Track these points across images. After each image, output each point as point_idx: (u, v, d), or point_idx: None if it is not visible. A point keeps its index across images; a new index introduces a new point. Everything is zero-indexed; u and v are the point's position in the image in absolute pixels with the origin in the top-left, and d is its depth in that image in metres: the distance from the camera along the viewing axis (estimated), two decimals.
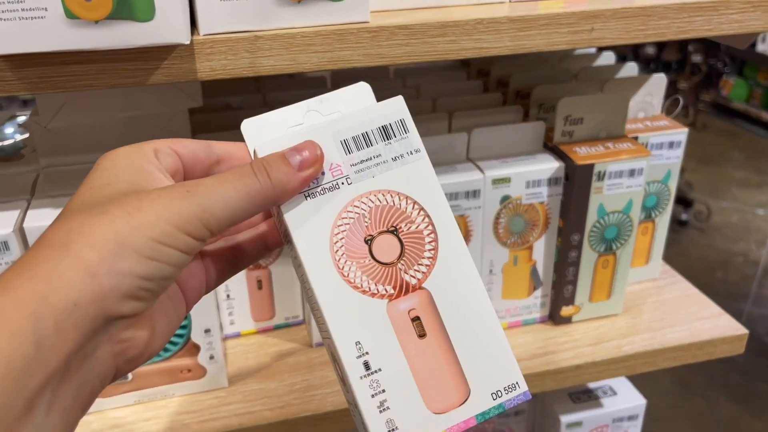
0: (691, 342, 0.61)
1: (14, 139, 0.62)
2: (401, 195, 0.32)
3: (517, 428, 0.76)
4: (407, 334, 0.32)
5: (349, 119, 0.32)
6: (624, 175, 0.57)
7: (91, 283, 0.25)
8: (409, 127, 0.33)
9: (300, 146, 0.31)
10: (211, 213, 0.28)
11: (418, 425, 0.31)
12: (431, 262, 0.32)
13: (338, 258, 0.32)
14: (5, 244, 0.45)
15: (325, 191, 0.32)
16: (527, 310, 0.63)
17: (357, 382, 0.31)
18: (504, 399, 0.32)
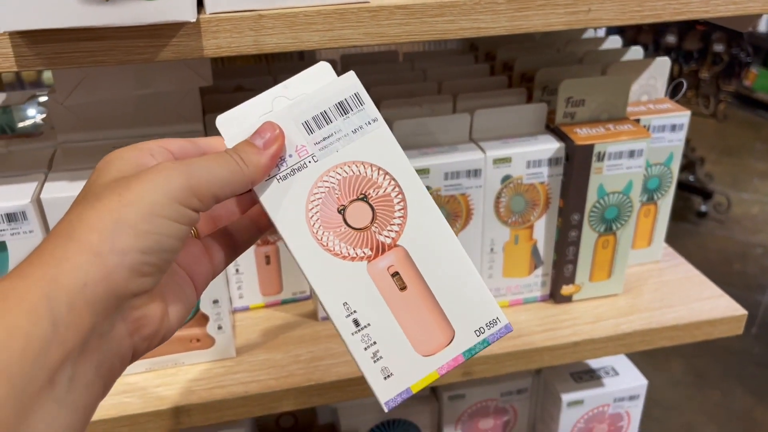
0: (689, 322, 0.62)
1: (35, 119, 0.64)
2: (365, 164, 0.35)
3: (519, 406, 0.77)
4: (389, 289, 0.34)
5: (306, 101, 0.34)
6: (624, 156, 0.58)
7: (96, 262, 0.27)
8: (364, 99, 0.35)
9: (260, 129, 0.34)
10: (197, 180, 0.30)
11: (411, 369, 0.34)
12: (402, 221, 0.35)
13: (316, 230, 0.34)
14: (23, 214, 0.47)
15: (294, 172, 0.34)
16: (528, 288, 0.64)
17: (349, 338, 0.34)
18: (487, 334, 0.35)
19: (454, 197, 0.58)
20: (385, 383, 0.34)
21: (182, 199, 0.29)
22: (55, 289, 0.26)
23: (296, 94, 0.35)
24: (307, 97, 0.35)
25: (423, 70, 0.70)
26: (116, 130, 0.56)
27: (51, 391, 0.26)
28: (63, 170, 0.51)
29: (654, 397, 1.71)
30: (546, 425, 0.77)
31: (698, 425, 1.64)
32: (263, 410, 0.56)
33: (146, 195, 0.29)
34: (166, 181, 0.29)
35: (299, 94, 0.35)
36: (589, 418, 0.74)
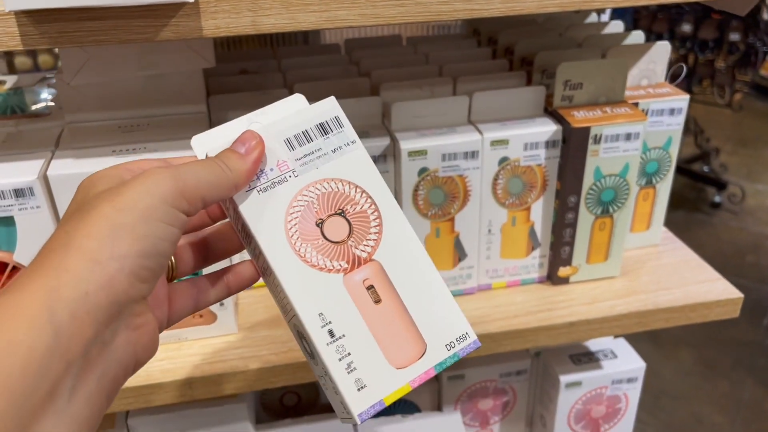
0: (685, 304, 0.63)
1: (45, 101, 0.66)
2: (344, 181, 0.36)
3: (518, 387, 0.78)
4: (364, 301, 0.35)
5: (288, 120, 0.36)
6: (620, 139, 0.59)
7: (96, 270, 0.27)
8: (343, 122, 0.37)
9: (241, 138, 0.35)
10: (185, 183, 0.31)
11: (384, 381, 0.35)
12: (378, 237, 0.36)
13: (294, 241, 0.35)
14: (30, 190, 0.49)
15: (275, 185, 0.35)
16: (525, 269, 0.65)
17: (324, 349, 0.34)
18: (457, 348, 0.36)
19: (451, 178, 0.59)
20: (359, 395, 0.34)
21: (172, 201, 0.30)
22: (56, 300, 0.26)
23: (272, 121, 0.36)
24: (288, 117, 0.36)
25: (425, 53, 0.71)
26: (121, 110, 0.57)
27: (52, 404, 0.26)
28: (69, 149, 0.53)
29: (662, 387, 1.71)
30: (544, 406, 0.78)
31: (706, 415, 1.64)
32: (263, 384, 0.57)
33: (139, 199, 0.29)
34: (155, 184, 0.30)
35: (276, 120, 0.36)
36: (587, 400, 0.75)
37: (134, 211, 0.29)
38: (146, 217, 0.29)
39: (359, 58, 0.70)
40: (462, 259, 0.63)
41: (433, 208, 0.60)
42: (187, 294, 0.37)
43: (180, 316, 0.37)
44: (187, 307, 0.37)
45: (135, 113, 0.57)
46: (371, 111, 0.60)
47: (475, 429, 0.80)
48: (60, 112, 0.60)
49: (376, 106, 0.60)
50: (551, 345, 0.64)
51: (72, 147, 0.53)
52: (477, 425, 0.80)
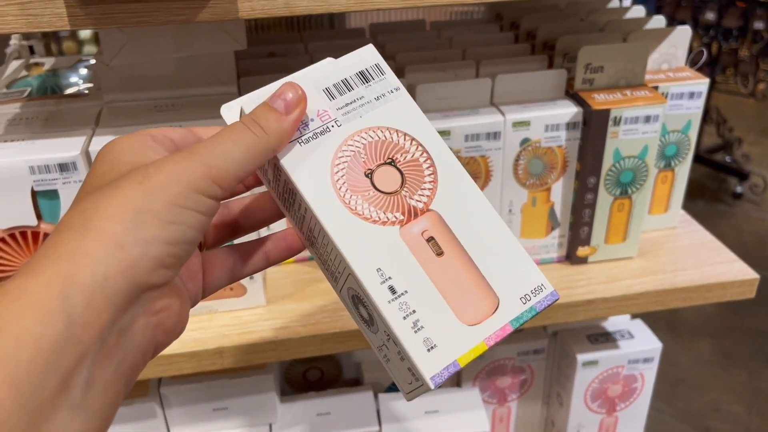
0: (701, 284, 0.64)
1: (80, 83, 0.69)
2: (390, 129, 0.34)
3: (536, 366, 0.80)
4: (425, 254, 0.32)
5: (326, 70, 0.34)
6: (639, 121, 0.60)
7: (118, 254, 0.26)
8: (384, 70, 0.34)
9: (279, 91, 0.31)
10: (218, 168, 0.29)
11: (456, 339, 0.31)
12: (433, 186, 0.33)
13: (343, 194, 0.32)
14: (74, 164, 0.51)
15: (317, 135, 0.33)
16: (545, 249, 0.67)
17: (386, 307, 0.31)
18: (534, 302, 0.33)
19: (474, 159, 0.60)
20: (429, 356, 0.30)
21: (204, 189, 0.28)
22: (71, 285, 0.25)
23: (309, 71, 0.34)
24: (324, 66, 0.34)
25: (449, 38, 0.72)
26: (157, 90, 0.60)
27: (66, 398, 0.24)
28: (109, 126, 0.55)
29: (680, 375, 1.72)
30: (561, 385, 0.80)
31: (724, 404, 1.65)
32: (291, 354, 0.60)
33: (169, 185, 0.27)
34: (186, 171, 0.28)
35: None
36: (603, 379, 0.77)
37: (162, 197, 0.27)
38: (175, 204, 0.27)
39: (384, 41, 0.71)
40: None
41: None
42: (222, 264, 0.35)
43: (215, 287, 0.35)
44: (223, 278, 0.35)
45: (169, 93, 0.60)
46: None
47: (493, 406, 0.82)
48: (98, 93, 0.62)
49: None
50: (569, 322, 0.65)
51: (111, 125, 0.55)
52: (495, 402, 0.82)
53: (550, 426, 0.85)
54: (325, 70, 0.34)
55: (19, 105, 0.61)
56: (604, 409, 0.80)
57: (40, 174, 0.51)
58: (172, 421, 0.70)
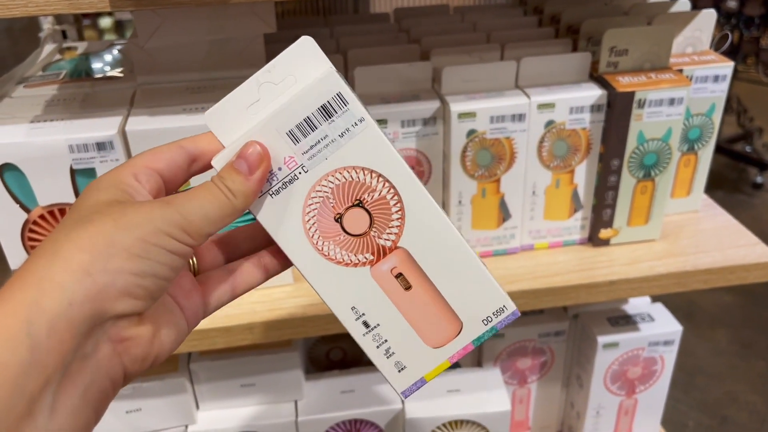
0: (723, 266, 0.64)
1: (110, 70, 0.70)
2: (357, 168, 0.34)
3: (556, 348, 0.81)
4: (394, 289, 0.35)
5: (287, 109, 0.33)
6: (664, 104, 0.60)
7: (85, 281, 0.26)
8: (347, 99, 0.33)
9: (242, 152, 0.32)
10: (190, 221, 0.30)
11: (423, 361, 0.36)
12: (400, 222, 0.35)
13: (315, 241, 0.35)
14: (111, 144, 0.53)
15: (285, 185, 0.34)
16: (567, 231, 0.68)
17: (361, 339, 0.36)
18: (495, 322, 0.36)
19: (498, 140, 0.61)
20: (400, 375, 0.36)
21: (175, 235, 0.30)
22: (36, 312, 0.25)
23: (281, 77, 0.33)
24: (287, 104, 0.33)
25: (473, 22, 0.73)
26: (189, 73, 0.61)
27: (31, 421, 0.25)
28: (144, 107, 0.57)
29: (697, 365, 1.72)
30: (581, 366, 0.81)
31: (741, 394, 1.65)
32: (318, 331, 0.61)
33: (142, 224, 0.29)
34: (161, 216, 0.29)
35: (285, 76, 0.33)
36: (623, 361, 0.78)
37: (134, 233, 0.28)
38: (145, 240, 0.28)
39: (409, 26, 0.72)
40: (506, 219, 0.66)
41: (480, 169, 0.63)
42: (222, 281, 0.36)
43: (218, 303, 0.36)
44: (224, 294, 0.36)
45: (201, 76, 0.61)
46: (422, 76, 0.63)
47: (514, 387, 0.84)
48: (131, 75, 0.64)
49: (427, 71, 0.63)
50: (591, 303, 0.66)
51: (146, 106, 0.57)
52: (515, 383, 0.83)
53: (570, 407, 0.86)
54: (288, 110, 0.33)
55: (56, 87, 0.62)
56: (624, 391, 0.81)
57: (78, 153, 0.53)
58: (201, 396, 0.72)
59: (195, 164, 0.34)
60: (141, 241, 0.28)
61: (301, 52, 0.33)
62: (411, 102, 0.60)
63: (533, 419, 0.87)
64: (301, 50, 0.33)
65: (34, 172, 0.53)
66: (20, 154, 0.52)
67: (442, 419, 0.73)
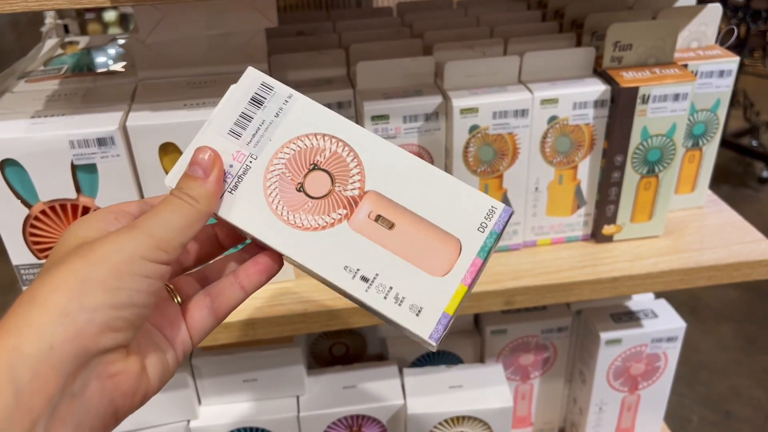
0: (728, 263, 0.64)
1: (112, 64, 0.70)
2: (300, 137, 0.35)
3: (559, 344, 0.81)
4: (379, 233, 0.35)
5: (222, 112, 0.35)
6: (668, 99, 0.60)
7: (63, 322, 0.27)
8: (271, 84, 0.36)
9: (193, 158, 0.34)
10: (160, 237, 0.30)
11: (437, 294, 0.34)
12: (360, 169, 0.35)
13: (287, 217, 0.35)
14: (112, 139, 0.53)
15: (241, 178, 0.35)
16: (570, 227, 0.68)
17: (365, 296, 0.34)
18: (491, 226, 0.35)
19: (501, 136, 0.61)
20: (420, 319, 0.34)
21: (148, 255, 0.30)
22: (17, 357, 0.26)
23: (208, 120, 0.36)
24: (220, 108, 0.35)
25: (476, 16, 0.73)
26: (190, 68, 0.61)
27: None
28: (144, 102, 0.56)
29: (702, 360, 1.71)
30: (584, 363, 0.81)
31: (745, 389, 1.64)
32: (319, 327, 0.61)
33: (112, 254, 0.29)
34: (130, 242, 0.30)
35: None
36: (626, 357, 0.77)
37: (106, 265, 0.28)
38: (119, 270, 0.29)
39: (411, 20, 0.72)
40: None
41: (483, 164, 0.62)
42: (200, 306, 0.36)
43: (202, 330, 0.36)
44: (206, 320, 0.36)
45: (202, 71, 0.61)
46: (424, 70, 0.62)
47: (516, 383, 0.83)
48: (132, 70, 0.64)
49: (429, 65, 0.62)
50: (594, 299, 0.66)
51: (146, 101, 0.57)
52: (518, 379, 0.83)
53: (572, 403, 0.86)
54: (222, 113, 0.35)
55: (57, 82, 0.62)
56: (627, 387, 0.80)
57: (79, 148, 0.53)
58: (203, 391, 0.72)
59: None
60: (114, 272, 0.29)
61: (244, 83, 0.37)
62: (413, 97, 0.60)
63: (535, 415, 0.87)
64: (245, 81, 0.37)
65: (34, 167, 0.53)
66: (21, 149, 0.52)
67: (444, 415, 0.73)
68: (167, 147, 0.54)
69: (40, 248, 0.57)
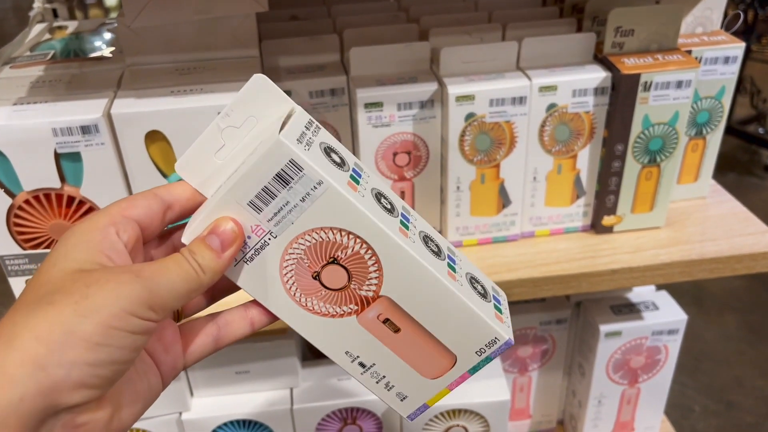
0: (730, 255, 0.62)
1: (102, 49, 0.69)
2: (324, 229, 0.33)
3: (558, 336, 0.79)
4: (384, 333, 0.36)
5: (244, 180, 0.32)
6: (671, 87, 0.58)
7: (38, 375, 0.26)
8: (301, 165, 0.32)
9: (215, 228, 0.32)
10: (157, 296, 0.29)
11: (423, 390, 0.38)
12: (378, 274, 0.34)
13: (299, 298, 0.35)
14: (96, 127, 0.51)
15: (258, 251, 0.34)
16: (569, 218, 0.66)
17: (360, 378, 0.37)
18: (489, 352, 0.37)
19: (498, 124, 0.59)
20: (403, 404, 0.38)
21: (139, 313, 0.29)
22: None
23: (242, 119, 0.34)
24: (243, 175, 0.32)
25: (473, 1, 0.71)
26: (178, 53, 0.59)
27: None
28: (131, 89, 0.55)
29: (704, 350, 1.70)
30: (584, 355, 0.79)
31: (748, 379, 1.63)
32: None
33: (105, 307, 0.28)
34: (126, 294, 0.28)
35: (245, 118, 0.33)
36: (626, 350, 0.76)
37: (95, 318, 0.27)
38: (107, 326, 0.27)
39: (408, 4, 0.70)
40: (506, 206, 0.64)
41: (479, 154, 0.61)
42: (204, 332, 0.35)
43: (198, 356, 0.35)
44: (206, 346, 0.35)
45: (191, 56, 0.59)
46: (420, 56, 0.61)
47: (514, 375, 0.82)
48: (120, 56, 0.62)
49: (425, 51, 0.61)
50: (593, 292, 0.64)
51: (133, 87, 0.55)
52: (516, 371, 0.82)
53: (571, 396, 0.85)
54: (244, 181, 0.32)
55: (42, 68, 0.61)
56: (627, 380, 0.79)
57: (62, 136, 0.51)
58: (195, 383, 0.71)
59: (169, 212, 0.34)
60: (102, 327, 0.27)
61: (256, 91, 0.33)
62: (408, 84, 0.58)
63: (534, 407, 0.86)
64: (255, 89, 0.33)
65: (17, 156, 0.52)
66: (2, 137, 0.50)
67: (439, 408, 0.72)
68: (154, 135, 0.53)
69: (25, 238, 0.56)
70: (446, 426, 0.74)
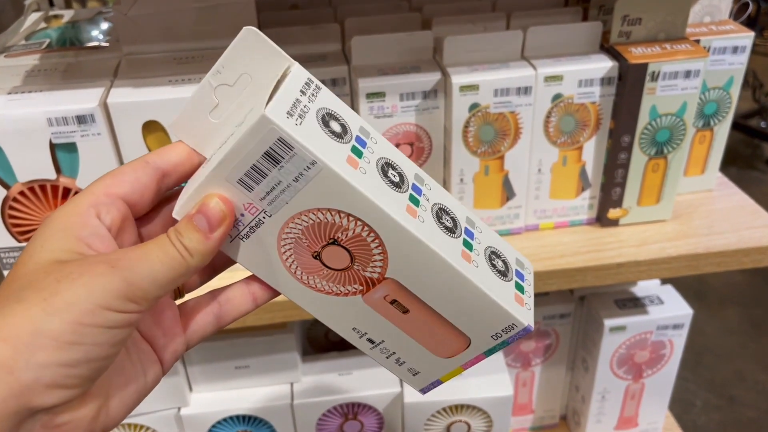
0: (738, 248, 0.61)
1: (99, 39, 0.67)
2: (322, 210, 0.31)
3: (562, 330, 0.79)
4: (392, 313, 0.34)
5: (231, 157, 0.29)
6: (679, 77, 0.57)
7: (7, 379, 0.24)
8: (291, 143, 0.29)
9: (202, 206, 0.29)
10: (137, 286, 0.27)
11: (436, 367, 0.36)
12: (383, 256, 0.32)
13: (300, 276, 0.32)
14: (92, 117, 0.50)
15: (253, 229, 0.31)
16: (575, 210, 0.65)
17: (370, 353, 0.35)
18: (505, 337, 0.34)
19: (503, 115, 0.58)
20: (415, 378, 0.36)
21: (117, 306, 0.26)
22: None
23: (235, 77, 0.30)
24: (230, 152, 0.29)
25: None
26: (176, 42, 0.58)
27: None
28: (127, 78, 0.54)
29: (707, 344, 1.69)
30: (587, 350, 0.78)
31: (750, 373, 1.62)
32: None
33: (75, 303, 0.26)
34: (100, 288, 0.26)
35: (238, 75, 0.30)
36: (631, 344, 0.75)
37: (65, 316, 0.25)
38: (78, 323, 0.25)
39: None
40: (510, 198, 0.63)
41: (483, 145, 0.59)
42: (206, 310, 0.33)
43: (199, 336, 0.34)
44: (208, 325, 0.33)
45: (189, 45, 0.58)
46: (423, 45, 0.59)
47: (517, 370, 0.81)
48: (117, 45, 0.61)
49: (428, 40, 0.59)
50: (598, 285, 0.63)
51: (130, 77, 0.54)
52: (519, 366, 0.81)
53: (575, 391, 0.84)
54: (231, 158, 0.30)
55: (37, 56, 0.59)
56: (631, 375, 0.78)
57: (58, 126, 0.50)
58: (194, 378, 0.70)
59: (166, 179, 0.31)
60: (73, 325, 0.25)
61: (247, 47, 0.30)
62: (410, 74, 0.57)
63: (537, 402, 0.85)
64: (246, 44, 0.30)
65: (11, 146, 0.51)
66: None
67: (442, 404, 0.71)
68: (151, 125, 0.52)
69: (20, 231, 0.54)
70: (448, 421, 0.74)
